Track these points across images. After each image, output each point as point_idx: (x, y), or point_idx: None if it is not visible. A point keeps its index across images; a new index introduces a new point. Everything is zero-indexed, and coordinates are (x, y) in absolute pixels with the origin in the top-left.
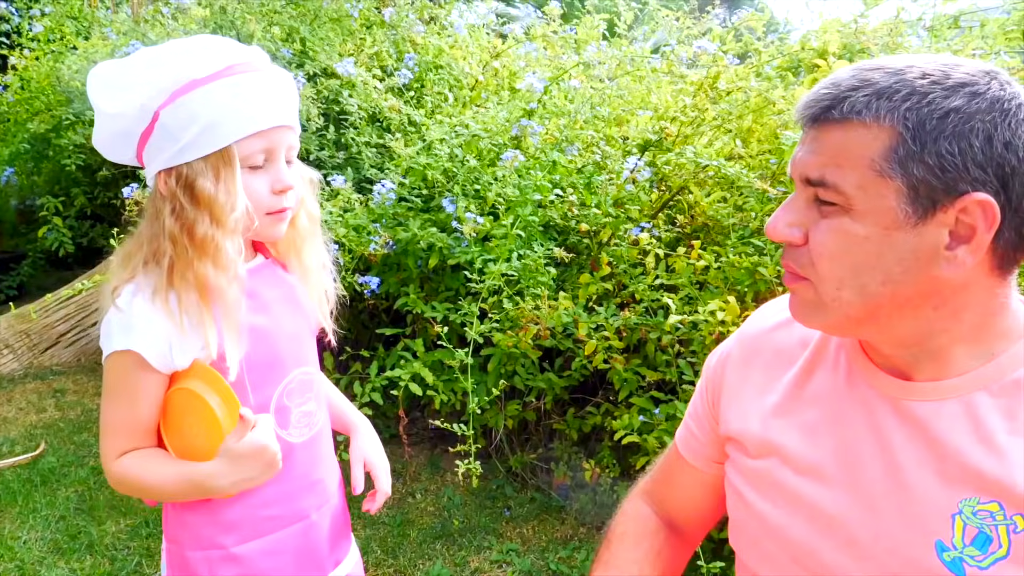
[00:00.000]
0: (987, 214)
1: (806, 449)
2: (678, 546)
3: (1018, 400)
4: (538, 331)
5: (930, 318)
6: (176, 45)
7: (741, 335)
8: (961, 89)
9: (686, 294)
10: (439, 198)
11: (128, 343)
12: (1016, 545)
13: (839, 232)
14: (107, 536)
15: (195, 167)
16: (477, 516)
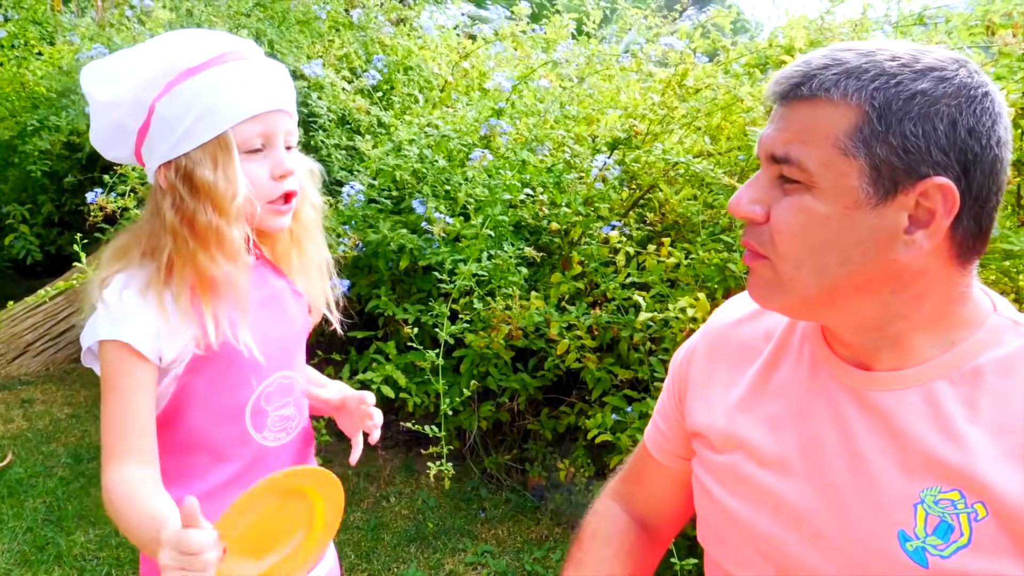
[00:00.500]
0: (947, 199)
1: (770, 442)
2: (649, 545)
3: (978, 388)
4: (510, 331)
5: (888, 303)
6: (167, 37)
7: (706, 330)
8: (930, 73)
9: (657, 292)
10: (409, 199)
11: (116, 333)
12: (977, 533)
13: (800, 209)
14: (76, 547)
15: (193, 157)
16: (452, 518)
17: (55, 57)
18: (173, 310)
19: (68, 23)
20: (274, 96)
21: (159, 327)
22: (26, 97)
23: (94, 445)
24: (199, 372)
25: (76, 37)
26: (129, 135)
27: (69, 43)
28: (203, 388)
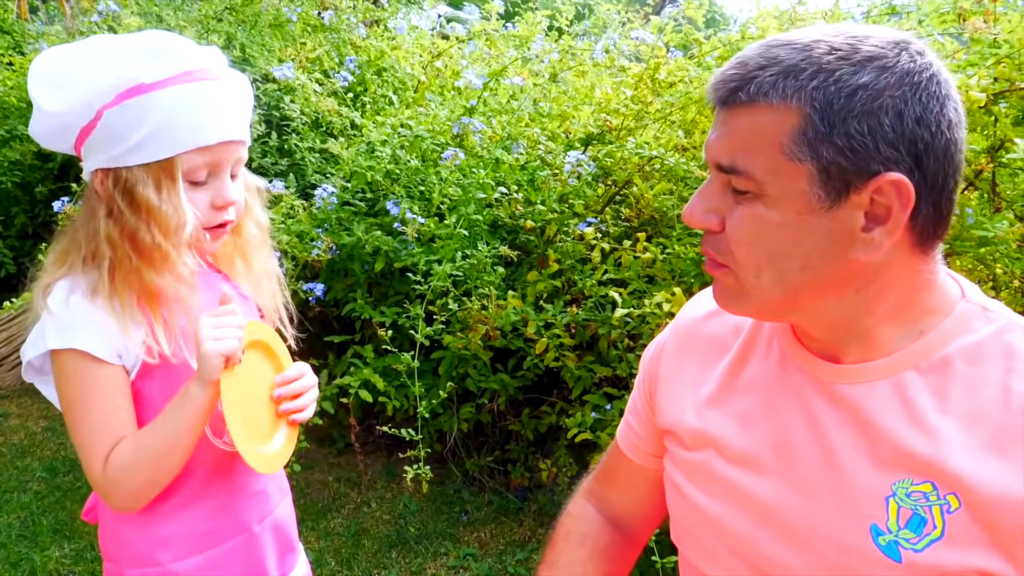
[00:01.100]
0: (902, 194)
1: (741, 439)
2: (623, 545)
3: (947, 377)
4: (487, 331)
5: (854, 301)
6: (128, 43)
7: (675, 325)
8: (869, 64)
9: (635, 288)
10: (383, 201)
11: (70, 342)
12: (950, 525)
13: (753, 219)
14: (51, 562)
15: (135, 173)
16: (434, 522)
17: (24, 67)
18: (122, 314)
19: (36, 32)
20: (229, 126)
21: (112, 329)
22: None
23: (70, 459)
24: (151, 378)
25: (45, 45)
26: (72, 132)
27: (38, 52)
28: (156, 395)
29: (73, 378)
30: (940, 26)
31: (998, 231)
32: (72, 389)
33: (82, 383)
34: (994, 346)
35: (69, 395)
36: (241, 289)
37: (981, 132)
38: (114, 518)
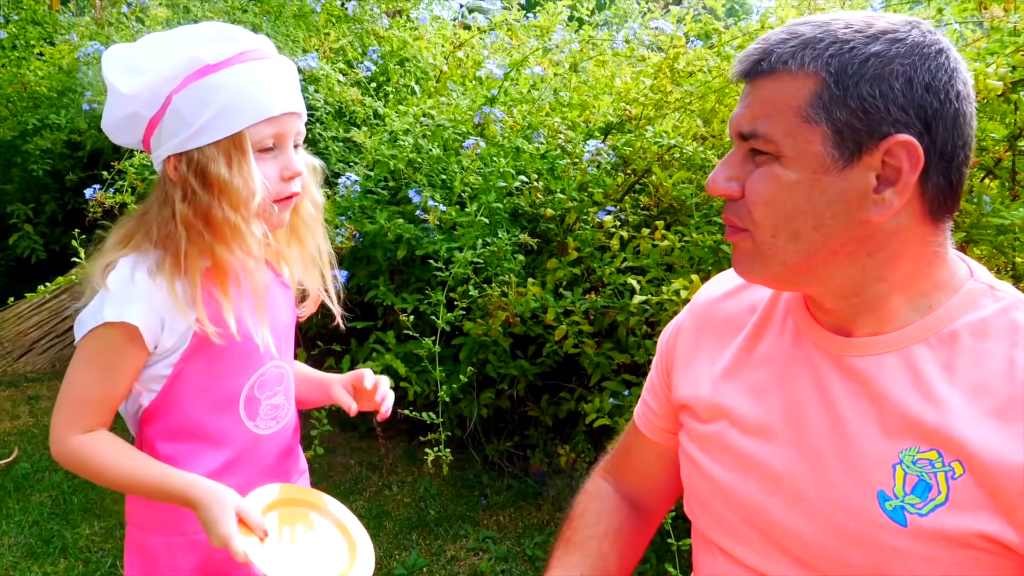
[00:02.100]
0: (911, 155)
1: (753, 410)
2: (638, 523)
3: (955, 351)
4: (507, 317)
5: (865, 265)
6: (188, 31)
7: (692, 305)
8: (882, 36)
9: (653, 275)
10: (406, 190)
11: (125, 315)
12: (955, 491)
13: (771, 179)
14: (81, 539)
15: (207, 152)
16: (454, 506)
17: (55, 57)
18: (182, 295)
19: (66, 23)
20: (288, 98)
21: (166, 311)
22: (27, 97)
23: None
24: (196, 359)
25: (75, 36)
26: (141, 122)
27: (68, 42)
28: (199, 375)
29: (106, 347)
30: (960, 14)
31: (1015, 218)
32: (95, 354)
33: (109, 356)
34: (1000, 322)
35: (88, 356)
36: (284, 278)
37: (1001, 120)
38: None
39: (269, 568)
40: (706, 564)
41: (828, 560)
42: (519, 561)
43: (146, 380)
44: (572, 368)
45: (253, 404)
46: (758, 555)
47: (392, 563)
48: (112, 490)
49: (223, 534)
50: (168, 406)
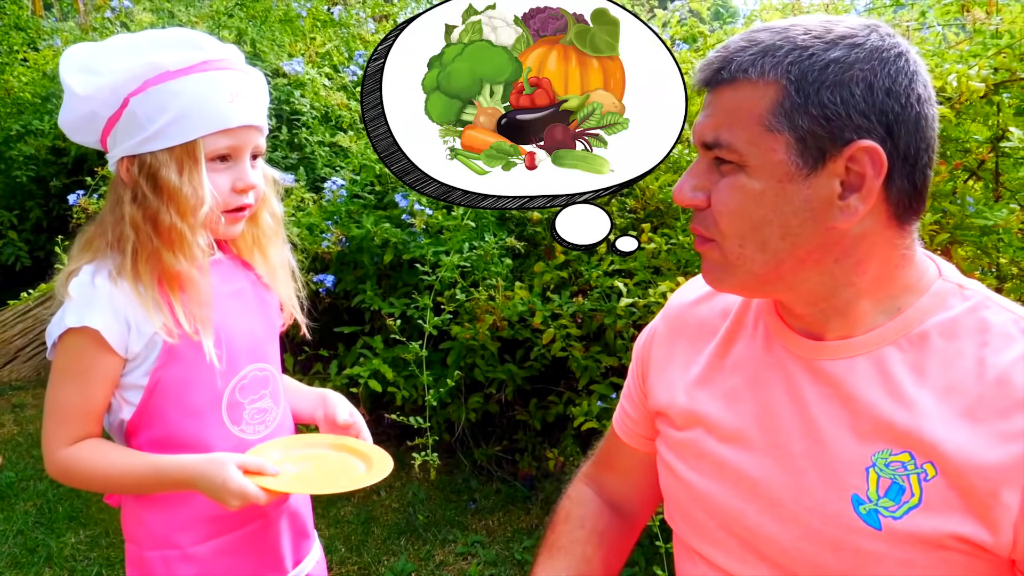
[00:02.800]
0: (874, 160)
1: (728, 416)
2: (622, 527)
3: (924, 352)
4: (494, 321)
5: (833, 271)
6: (153, 35)
7: (666, 311)
8: (841, 41)
9: (640, 278)
10: (392, 194)
11: (86, 320)
12: (927, 493)
13: (736, 189)
14: (66, 548)
15: (159, 157)
16: (442, 510)
17: (39, 62)
18: (145, 296)
19: (50, 27)
20: (248, 111)
21: (131, 312)
22: (11, 103)
23: None
24: (170, 367)
25: (59, 41)
26: (99, 122)
27: (52, 48)
28: (175, 383)
29: (74, 355)
30: (943, 17)
31: (999, 219)
32: (67, 364)
33: (79, 363)
34: (969, 322)
35: (61, 368)
36: (263, 280)
37: (984, 122)
38: (136, 502)
39: (297, 488)
40: (688, 570)
41: (805, 565)
42: (508, 565)
43: (125, 391)
44: (560, 372)
45: (236, 409)
46: (737, 561)
47: (381, 568)
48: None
49: (235, 490)
50: (150, 418)
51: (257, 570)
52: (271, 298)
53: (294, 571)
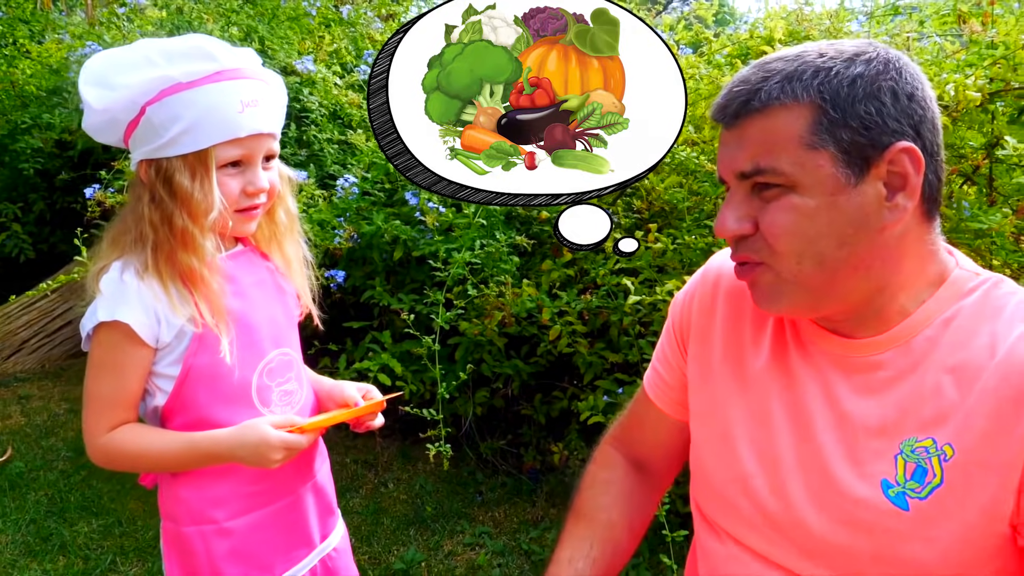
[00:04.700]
0: (913, 158)
1: (762, 406)
2: (646, 489)
3: (945, 336)
4: (503, 317)
5: (878, 275)
6: (167, 47)
7: (704, 275)
8: (857, 59)
9: (645, 277)
10: (402, 192)
11: (117, 315)
12: (948, 472)
13: (790, 209)
14: (80, 536)
15: (174, 163)
16: (449, 502)
17: (44, 56)
18: (171, 290)
19: (58, 21)
20: (259, 119)
21: (159, 306)
22: (16, 96)
23: None
24: (201, 354)
25: (66, 35)
26: (119, 126)
27: (59, 41)
28: (206, 369)
29: (107, 348)
30: (940, 27)
31: (993, 223)
32: (102, 356)
33: (113, 355)
34: (984, 304)
35: (97, 361)
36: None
37: (979, 129)
38: (173, 480)
39: (327, 420)
40: (713, 547)
41: (835, 549)
42: (515, 555)
43: (157, 379)
44: (564, 368)
45: (265, 391)
46: (766, 542)
47: (391, 558)
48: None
49: (276, 443)
50: (183, 403)
51: (288, 544)
52: (289, 288)
53: (321, 545)
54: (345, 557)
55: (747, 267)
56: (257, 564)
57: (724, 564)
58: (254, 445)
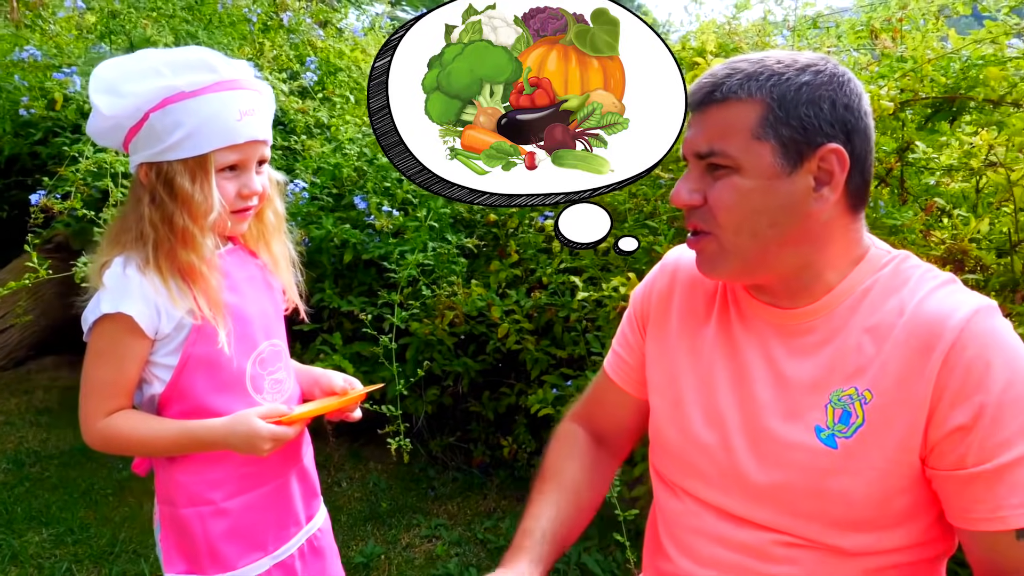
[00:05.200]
0: (840, 159)
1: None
2: (607, 459)
3: (865, 303)
4: (454, 317)
5: (806, 252)
6: (171, 59)
7: (663, 267)
8: (807, 69)
9: (590, 275)
10: (349, 196)
11: (120, 307)
12: (869, 413)
13: (732, 188)
14: (31, 546)
15: (175, 167)
16: (403, 498)
17: None
18: (171, 284)
19: None
20: (255, 127)
21: (159, 299)
22: None
23: (33, 451)
24: (199, 344)
25: None
26: (121, 131)
27: None
28: (203, 359)
29: (109, 338)
30: (855, 42)
31: (905, 219)
32: (103, 346)
33: (114, 345)
34: (894, 276)
35: (97, 350)
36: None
37: (891, 135)
38: (169, 465)
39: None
40: (672, 507)
41: (774, 489)
42: (471, 544)
43: (155, 368)
44: (511, 365)
45: (258, 380)
46: (717, 492)
47: (351, 552)
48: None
49: (266, 434)
50: (180, 391)
51: (278, 523)
52: (276, 283)
53: (307, 525)
54: (328, 537)
55: (697, 236)
56: (252, 542)
57: (682, 519)
58: (245, 435)
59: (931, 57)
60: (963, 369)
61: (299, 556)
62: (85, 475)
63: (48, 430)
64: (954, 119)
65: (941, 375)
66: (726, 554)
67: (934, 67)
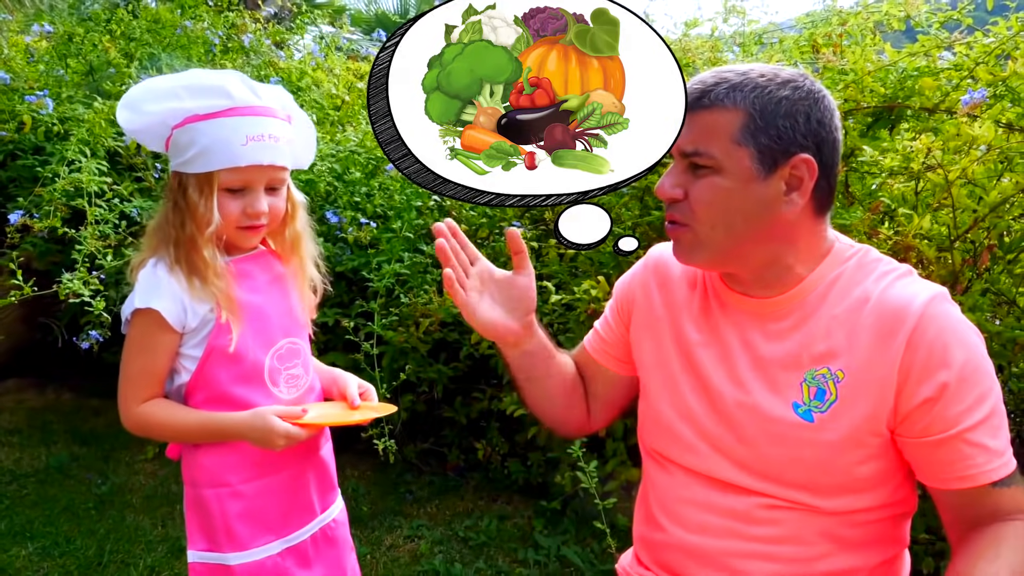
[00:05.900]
0: (810, 168)
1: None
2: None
3: (833, 292)
4: (430, 324)
5: (775, 248)
6: (192, 83)
7: (646, 262)
8: (787, 84)
9: (560, 280)
10: (320, 211)
11: (149, 302)
12: (842, 391)
13: (712, 186)
14: (17, 560)
15: (189, 178)
16: (383, 502)
17: None
18: (195, 281)
19: None
20: (262, 153)
21: (185, 296)
22: None
23: (8, 469)
24: (221, 338)
25: None
26: (160, 139)
27: None
28: (225, 352)
29: (140, 332)
30: (798, 56)
31: (853, 219)
32: (136, 338)
33: (145, 339)
34: (858, 268)
35: (132, 342)
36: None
37: None
38: (195, 449)
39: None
40: (662, 480)
41: (758, 457)
42: (453, 542)
43: (183, 359)
44: (482, 371)
45: (275, 373)
46: (706, 461)
47: None
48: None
49: (281, 431)
50: (204, 381)
51: (290, 509)
52: (299, 285)
53: (322, 515)
54: (343, 529)
55: (675, 226)
56: (264, 525)
57: (672, 490)
58: (262, 431)
59: (870, 69)
60: (926, 349)
61: (312, 543)
62: (64, 491)
63: (20, 450)
64: (893, 126)
65: (906, 355)
66: (714, 519)
67: (873, 78)
